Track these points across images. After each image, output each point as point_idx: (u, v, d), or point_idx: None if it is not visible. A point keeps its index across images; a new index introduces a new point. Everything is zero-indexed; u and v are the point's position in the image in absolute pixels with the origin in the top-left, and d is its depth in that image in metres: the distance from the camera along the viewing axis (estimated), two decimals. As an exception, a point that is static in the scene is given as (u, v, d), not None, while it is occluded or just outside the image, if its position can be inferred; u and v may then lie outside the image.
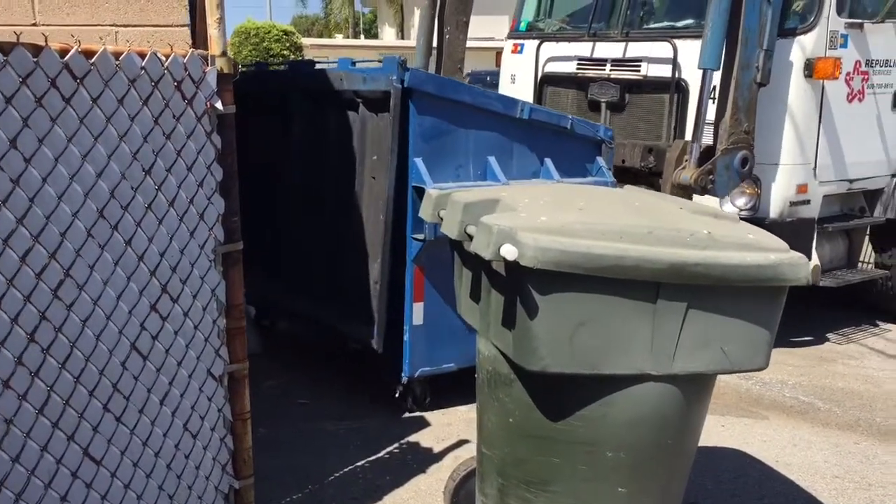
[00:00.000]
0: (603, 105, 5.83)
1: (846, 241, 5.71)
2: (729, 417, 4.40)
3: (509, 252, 2.26)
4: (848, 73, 5.26)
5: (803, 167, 5.21)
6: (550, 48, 6.26)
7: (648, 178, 5.27)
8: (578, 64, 6.05)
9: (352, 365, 5.12)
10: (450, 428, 4.26)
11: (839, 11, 5.16)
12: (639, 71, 5.66)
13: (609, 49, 5.88)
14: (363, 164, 4.26)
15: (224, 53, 2.52)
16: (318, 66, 4.88)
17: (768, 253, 2.50)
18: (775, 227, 5.03)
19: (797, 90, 5.10)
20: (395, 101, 3.93)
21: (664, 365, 2.46)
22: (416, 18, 38.25)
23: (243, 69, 5.39)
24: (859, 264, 5.78)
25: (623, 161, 4.95)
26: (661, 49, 5.45)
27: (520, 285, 2.36)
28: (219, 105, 2.52)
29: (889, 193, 5.62)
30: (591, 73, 5.90)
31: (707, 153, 4.89)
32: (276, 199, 4.97)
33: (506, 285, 2.45)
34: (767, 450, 4.05)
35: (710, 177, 4.82)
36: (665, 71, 5.41)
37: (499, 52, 6.81)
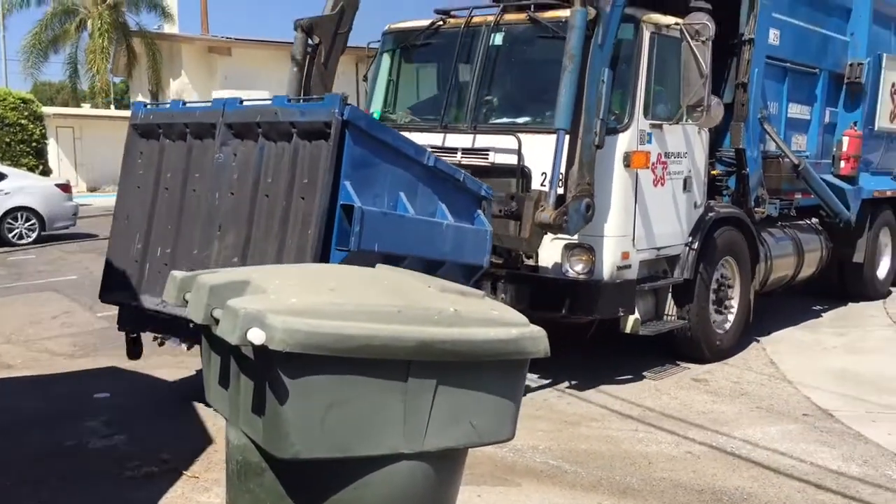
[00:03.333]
0: None
1: (654, 297, 6.75)
2: (485, 487, 4.52)
3: (256, 336, 2.20)
4: (653, 164, 6.42)
5: (625, 238, 6.28)
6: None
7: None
8: (431, 151, 6.46)
9: (70, 462, 4.70)
10: (203, 522, 4.00)
11: (645, 115, 6.31)
12: (487, 159, 6.39)
13: (459, 140, 6.59)
14: (292, 187, 4.79)
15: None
16: (246, 103, 5.38)
17: (510, 328, 2.63)
18: (608, 287, 6.19)
19: (618, 177, 6.18)
20: (336, 130, 4.59)
21: (417, 443, 2.48)
22: (171, 90, 37.11)
23: (152, 105, 6.02)
24: (665, 317, 6.80)
25: None
26: (506, 140, 6.23)
27: (269, 370, 2.30)
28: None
29: (685, 258, 6.78)
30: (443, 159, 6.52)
31: (559, 200, 5.77)
32: (183, 220, 5.40)
33: (255, 370, 2.37)
34: (521, 516, 4.19)
35: (565, 217, 5.70)
36: (509, 159, 6.22)
37: None
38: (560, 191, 5.78)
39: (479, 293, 2.84)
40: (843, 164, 8.87)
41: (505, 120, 6.69)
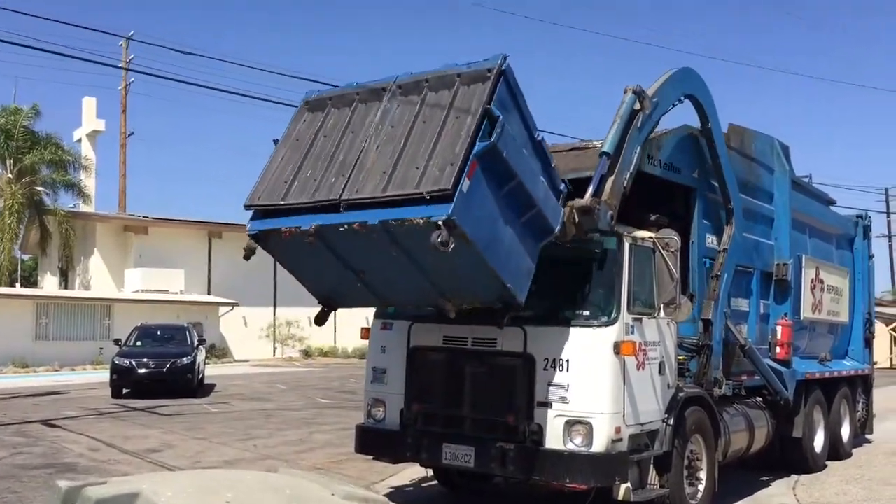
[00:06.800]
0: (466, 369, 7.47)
1: (638, 468, 7.26)
2: None
3: (141, 559, 2.04)
4: (636, 351, 7.25)
5: (617, 415, 7.00)
6: (418, 326, 7.81)
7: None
8: (444, 338, 7.63)
9: None
10: None
11: (628, 310, 7.24)
12: (494, 346, 7.34)
13: (470, 330, 7.45)
14: (448, 112, 6.20)
15: None
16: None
17: (416, 539, 2.52)
18: (605, 458, 6.86)
19: (610, 363, 7.00)
20: (496, 73, 6.21)
21: None
22: (81, 267, 36.40)
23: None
24: (648, 486, 7.35)
25: None
26: (513, 332, 7.12)
27: None
28: None
29: (662, 432, 7.48)
30: (454, 345, 7.56)
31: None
32: (338, 152, 6.73)
33: None
34: None
35: (597, 206, 6.93)
36: (515, 346, 7.22)
37: (364, 328, 8.37)
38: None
39: (383, 500, 2.74)
40: (778, 349, 10.09)
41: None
